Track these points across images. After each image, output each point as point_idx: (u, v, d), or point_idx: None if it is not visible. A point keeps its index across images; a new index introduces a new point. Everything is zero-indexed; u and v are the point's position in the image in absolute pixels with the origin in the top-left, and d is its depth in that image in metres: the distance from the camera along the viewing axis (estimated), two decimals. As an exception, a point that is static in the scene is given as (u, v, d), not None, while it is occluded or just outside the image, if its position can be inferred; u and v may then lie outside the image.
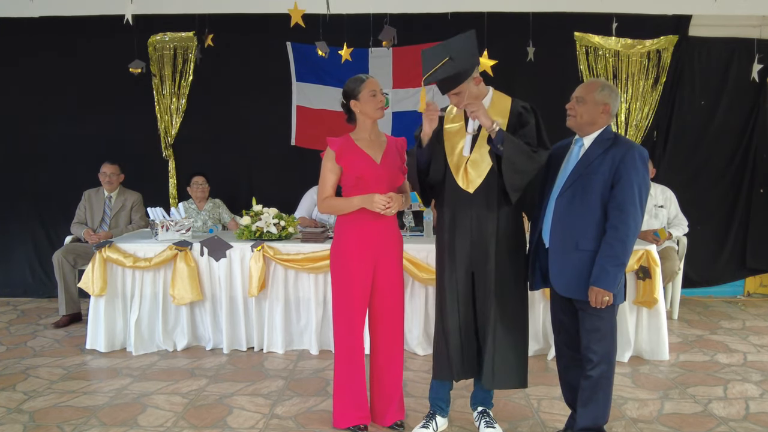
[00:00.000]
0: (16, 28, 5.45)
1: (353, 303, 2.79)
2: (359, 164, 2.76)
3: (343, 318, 2.81)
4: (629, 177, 2.44)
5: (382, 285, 2.84)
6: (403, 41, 4.64)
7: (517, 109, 2.66)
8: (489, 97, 2.70)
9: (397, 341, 2.90)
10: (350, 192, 2.80)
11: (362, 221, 2.77)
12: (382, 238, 2.82)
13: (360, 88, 2.75)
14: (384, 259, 2.83)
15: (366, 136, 2.83)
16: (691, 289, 5.59)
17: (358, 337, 2.82)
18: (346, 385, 2.86)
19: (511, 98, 2.72)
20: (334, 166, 2.79)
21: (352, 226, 2.79)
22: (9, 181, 5.69)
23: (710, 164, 5.58)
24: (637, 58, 5.40)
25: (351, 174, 2.77)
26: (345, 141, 2.82)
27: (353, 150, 2.79)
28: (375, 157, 2.80)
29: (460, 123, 2.72)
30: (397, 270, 2.88)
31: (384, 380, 2.91)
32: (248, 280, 3.99)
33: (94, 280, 3.98)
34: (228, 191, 5.46)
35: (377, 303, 2.85)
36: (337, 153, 2.77)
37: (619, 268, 2.43)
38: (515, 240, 2.72)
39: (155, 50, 5.54)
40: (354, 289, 2.78)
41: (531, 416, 3.11)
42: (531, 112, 2.65)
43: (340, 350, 2.85)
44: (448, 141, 2.72)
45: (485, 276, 2.66)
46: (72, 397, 3.34)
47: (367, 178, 2.76)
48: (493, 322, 2.65)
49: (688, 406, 3.23)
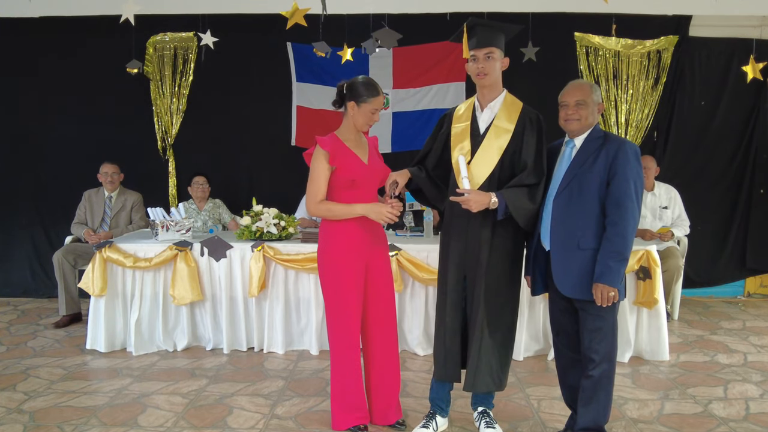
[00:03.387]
0: (16, 28, 5.46)
1: (349, 306, 2.78)
2: (351, 166, 2.75)
3: (339, 321, 2.80)
4: (624, 173, 2.46)
5: (374, 284, 2.84)
6: (402, 41, 4.65)
7: (525, 118, 2.67)
8: (501, 98, 2.71)
9: (392, 339, 2.91)
10: (342, 194, 2.77)
11: (352, 224, 2.76)
12: (372, 239, 2.83)
13: (367, 99, 2.72)
14: (374, 260, 2.83)
15: (352, 137, 2.83)
16: (692, 290, 5.60)
17: (354, 339, 2.82)
18: (344, 387, 2.85)
19: (522, 104, 2.72)
20: (328, 167, 2.75)
21: (342, 230, 2.78)
22: (9, 181, 5.69)
23: (710, 164, 5.58)
24: (637, 59, 5.40)
25: (344, 176, 2.75)
26: (335, 141, 2.78)
27: (344, 151, 2.77)
28: (363, 157, 2.81)
29: (466, 123, 2.71)
30: (387, 268, 2.90)
31: (384, 379, 2.90)
32: (248, 281, 3.99)
33: (94, 280, 3.98)
34: (228, 191, 5.47)
35: (371, 303, 2.85)
36: (331, 154, 2.74)
37: (621, 263, 2.44)
38: (511, 247, 2.71)
39: (155, 50, 5.55)
40: (349, 292, 2.77)
41: (531, 416, 3.11)
42: (536, 128, 2.65)
43: (338, 352, 2.83)
44: (453, 141, 2.72)
45: (475, 280, 2.67)
46: (72, 397, 3.33)
47: (359, 180, 2.75)
48: (481, 328, 2.65)
49: (689, 406, 3.23)
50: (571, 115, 2.57)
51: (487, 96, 2.69)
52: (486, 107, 2.70)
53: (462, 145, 2.68)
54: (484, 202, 2.53)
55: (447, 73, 5.51)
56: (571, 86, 2.62)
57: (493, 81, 2.66)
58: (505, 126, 2.65)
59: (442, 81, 5.53)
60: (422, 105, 5.57)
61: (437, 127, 2.86)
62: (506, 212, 2.55)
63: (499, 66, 2.66)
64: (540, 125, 2.67)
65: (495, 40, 2.61)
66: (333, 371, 2.87)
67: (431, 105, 5.56)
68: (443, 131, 2.81)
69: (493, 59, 2.61)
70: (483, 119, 2.70)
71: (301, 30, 4.16)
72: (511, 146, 2.64)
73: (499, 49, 2.64)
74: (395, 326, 2.94)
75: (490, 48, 2.60)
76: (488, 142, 2.64)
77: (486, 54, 2.60)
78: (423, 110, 5.58)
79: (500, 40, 2.64)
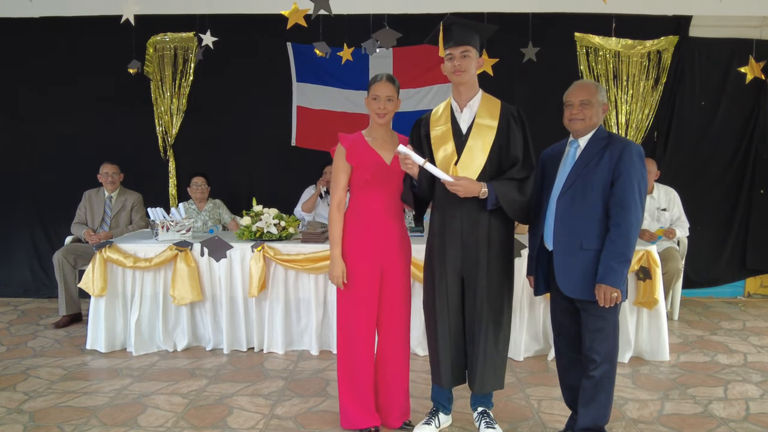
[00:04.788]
0: (16, 28, 5.46)
1: (359, 307, 2.76)
2: (369, 164, 2.73)
3: (348, 322, 2.78)
4: (628, 173, 2.46)
5: (389, 289, 2.81)
6: (402, 41, 4.64)
7: (507, 114, 2.67)
8: (479, 97, 2.70)
9: (404, 343, 2.90)
10: (360, 192, 2.77)
11: (362, 227, 2.76)
12: (388, 243, 2.79)
13: (369, 88, 2.75)
14: (390, 265, 2.80)
15: (378, 135, 2.79)
16: (692, 290, 5.60)
17: (368, 341, 2.80)
18: (357, 390, 2.82)
19: (501, 101, 2.72)
20: (345, 164, 2.76)
21: (356, 230, 2.77)
22: (9, 181, 5.69)
23: (710, 165, 5.58)
24: (637, 59, 5.40)
25: (360, 175, 2.74)
26: (357, 138, 2.78)
27: (364, 149, 2.75)
28: (386, 157, 2.76)
29: (446, 125, 2.69)
30: (401, 274, 2.85)
31: (393, 382, 2.89)
32: (248, 281, 3.99)
33: (94, 280, 3.98)
34: (228, 191, 5.47)
35: (385, 307, 2.82)
36: (348, 150, 2.74)
37: (624, 264, 2.44)
38: (506, 245, 2.72)
39: (155, 50, 5.55)
40: (359, 294, 2.76)
41: (531, 417, 3.11)
42: (519, 123, 2.66)
43: (350, 354, 2.80)
44: (434, 144, 2.70)
45: (476, 281, 2.66)
46: (72, 398, 3.33)
47: (376, 179, 2.73)
48: (485, 328, 2.65)
49: (689, 406, 3.23)
50: (576, 115, 2.56)
51: (464, 95, 2.68)
52: (465, 107, 2.69)
53: (445, 147, 2.66)
54: (474, 190, 2.54)
55: (447, 74, 5.51)
56: (576, 86, 2.62)
57: (470, 79, 2.66)
58: (488, 123, 2.64)
59: (442, 81, 5.53)
60: (422, 105, 5.56)
61: (414, 134, 2.81)
62: (496, 203, 2.56)
63: (475, 65, 2.66)
64: (523, 119, 2.68)
65: (471, 40, 2.62)
66: (344, 373, 2.84)
67: (431, 105, 5.54)
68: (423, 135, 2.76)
69: (469, 58, 2.61)
70: (463, 119, 2.69)
71: (301, 30, 4.16)
72: (497, 142, 2.64)
73: (475, 48, 2.64)
74: (408, 330, 2.92)
75: (466, 47, 2.60)
76: (473, 141, 2.63)
77: (462, 52, 2.60)
78: (423, 110, 5.57)
79: (476, 39, 2.64)
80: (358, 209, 2.79)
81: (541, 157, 2.77)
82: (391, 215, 2.81)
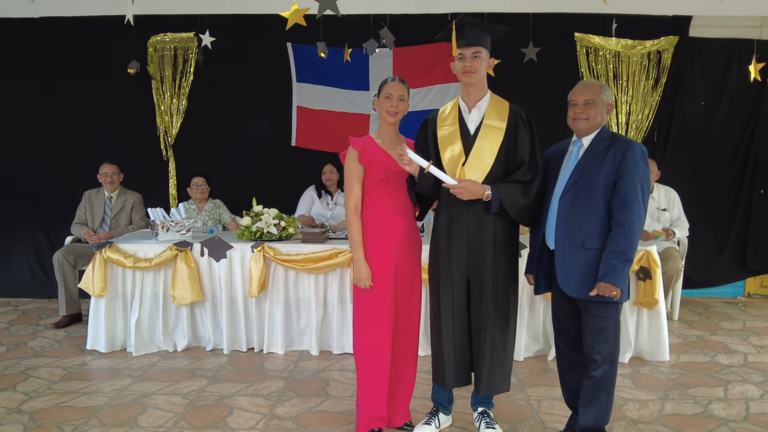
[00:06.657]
0: (17, 28, 5.46)
1: (380, 308, 2.75)
2: (382, 164, 2.74)
3: (367, 323, 2.76)
4: (631, 174, 2.45)
5: (401, 290, 2.81)
6: (403, 41, 4.64)
7: (516, 116, 2.66)
8: (488, 98, 2.70)
9: (413, 345, 2.90)
10: (373, 193, 2.77)
11: (381, 225, 2.76)
12: (401, 243, 2.79)
13: (381, 88, 2.77)
14: (403, 264, 2.80)
15: (387, 136, 2.81)
16: (692, 290, 5.60)
17: (387, 341, 2.78)
18: (373, 390, 2.80)
19: (509, 102, 2.72)
20: (358, 166, 2.76)
21: (371, 231, 2.76)
22: (9, 181, 5.69)
23: (710, 165, 5.59)
24: (637, 59, 5.40)
25: (375, 175, 2.75)
26: (366, 140, 2.80)
27: (374, 149, 2.77)
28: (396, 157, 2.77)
29: (454, 126, 2.69)
30: (415, 274, 2.86)
31: (400, 383, 2.89)
32: (248, 281, 3.99)
33: (94, 280, 3.98)
34: (228, 192, 5.46)
35: (398, 307, 2.81)
36: (360, 152, 2.75)
37: (625, 264, 2.44)
38: (512, 246, 2.72)
39: (155, 50, 5.55)
40: (379, 295, 2.74)
41: (531, 417, 3.11)
42: (527, 126, 2.65)
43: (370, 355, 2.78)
44: (441, 144, 2.70)
45: (482, 282, 2.65)
46: (72, 398, 3.33)
47: (389, 178, 2.74)
48: (491, 329, 2.65)
49: (689, 407, 3.23)
50: (580, 114, 2.56)
51: (473, 96, 2.68)
52: (473, 107, 2.68)
53: (453, 147, 2.66)
54: (478, 192, 2.54)
55: (447, 74, 5.50)
56: (580, 85, 2.63)
57: (480, 80, 2.66)
58: (497, 124, 2.64)
59: (443, 81, 5.53)
60: (422, 105, 5.56)
61: (421, 133, 2.81)
62: (499, 206, 2.56)
63: (485, 66, 2.66)
64: (531, 122, 2.67)
65: (482, 40, 2.62)
66: (359, 375, 2.82)
67: (432, 105, 5.56)
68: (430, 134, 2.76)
69: (480, 59, 2.61)
70: (472, 120, 2.68)
71: (301, 30, 4.15)
72: (504, 144, 2.63)
73: (486, 50, 2.64)
74: (417, 332, 2.92)
75: (478, 47, 2.60)
76: (481, 142, 2.63)
77: (473, 53, 2.60)
78: (423, 110, 5.58)
79: (487, 40, 2.64)
80: (372, 210, 2.79)
81: (544, 155, 2.77)
82: (403, 215, 2.81)
